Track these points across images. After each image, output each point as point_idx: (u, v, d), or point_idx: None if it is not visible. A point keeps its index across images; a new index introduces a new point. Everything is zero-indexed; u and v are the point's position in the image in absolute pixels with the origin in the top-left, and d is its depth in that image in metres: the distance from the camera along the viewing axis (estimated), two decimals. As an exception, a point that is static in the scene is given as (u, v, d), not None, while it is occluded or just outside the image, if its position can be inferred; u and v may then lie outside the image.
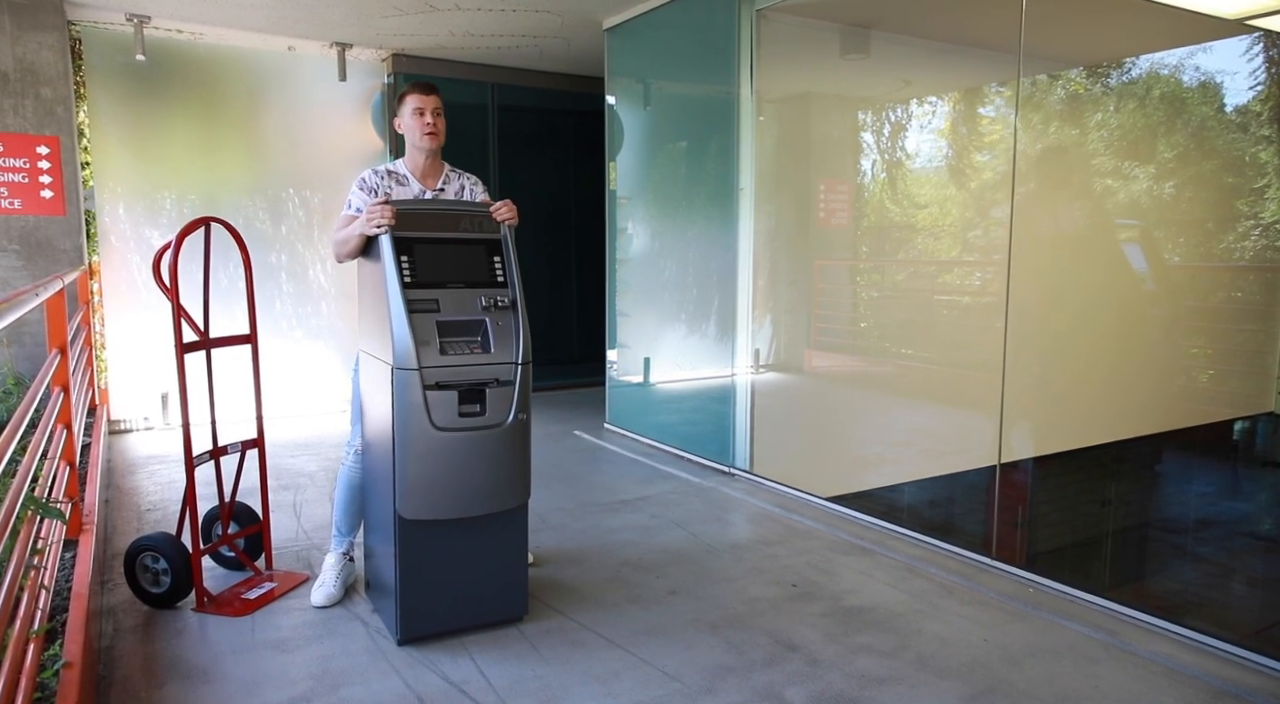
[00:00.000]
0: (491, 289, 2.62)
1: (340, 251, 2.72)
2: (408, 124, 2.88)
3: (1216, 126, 4.00)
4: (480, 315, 2.58)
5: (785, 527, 3.81)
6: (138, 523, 3.73)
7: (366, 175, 2.86)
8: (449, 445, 2.51)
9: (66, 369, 3.09)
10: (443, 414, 2.49)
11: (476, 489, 2.58)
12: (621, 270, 5.74)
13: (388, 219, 2.51)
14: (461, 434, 2.53)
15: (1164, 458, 4.52)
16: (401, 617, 2.59)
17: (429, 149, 2.88)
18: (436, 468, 2.51)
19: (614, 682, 2.43)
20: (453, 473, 2.53)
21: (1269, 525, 4.27)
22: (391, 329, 2.46)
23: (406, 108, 2.88)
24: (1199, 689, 2.42)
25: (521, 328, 2.62)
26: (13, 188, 4.95)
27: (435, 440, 2.49)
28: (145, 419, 5.63)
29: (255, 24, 5.50)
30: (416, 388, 2.45)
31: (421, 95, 2.87)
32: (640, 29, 5.29)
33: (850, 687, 2.41)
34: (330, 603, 2.90)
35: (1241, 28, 3.73)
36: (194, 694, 2.34)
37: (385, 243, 2.51)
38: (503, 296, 2.62)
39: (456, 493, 2.55)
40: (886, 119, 4.61)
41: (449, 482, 2.53)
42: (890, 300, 4.71)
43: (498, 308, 2.60)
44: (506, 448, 2.61)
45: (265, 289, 5.99)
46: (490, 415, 2.57)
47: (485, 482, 2.59)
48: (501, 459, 2.60)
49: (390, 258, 2.49)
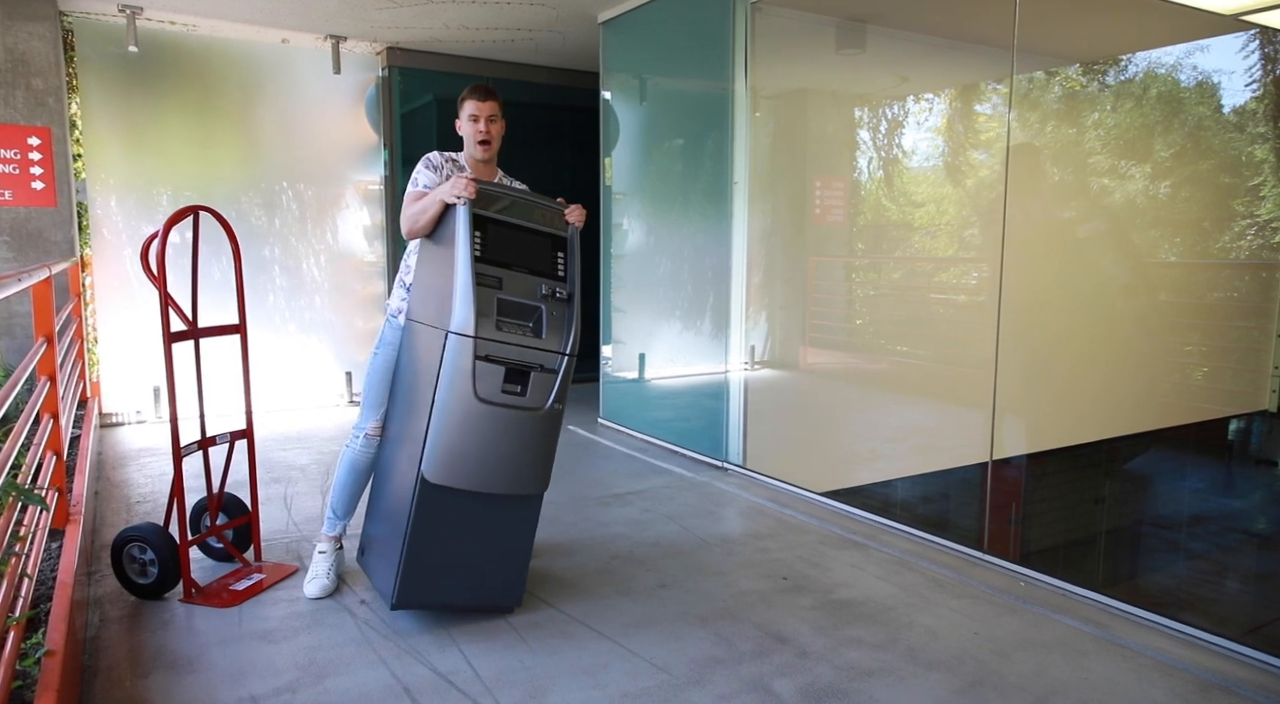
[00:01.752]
0: (552, 281, 2.69)
1: (415, 225, 2.72)
2: (465, 130, 2.91)
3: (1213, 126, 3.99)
4: (538, 302, 2.64)
5: (777, 521, 3.80)
6: (127, 515, 3.71)
7: (433, 156, 2.89)
8: (485, 418, 2.55)
9: (53, 358, 3.07)
10: (486, 386, 2.54)
11: (502, 467, 2.62)
12: (616, 266, 5.72)
13: (470, 192, 2.56)
14: (500, 410, 2.57)
15: (1157, 455, 4.51)
16: (401, 580, 2.59)
17: (481, 158, 2.91)
18: (469, 437, 2.55)
19: (602, 673, 2.42)
20: (483, 446, 2.57)
21: (1262, 523, 4.27)
22: (455, 294, 2.51)
23: (464, 112, 2.90)
24: (1188, 682, 2.41)
25: (575, 322, 2.69)
26: (3, 179, 4.92)
27: (474, 410, 2.53)
28: (137, 412, 5.61)
29: (249, 16, 5.47)
30: (468, 355, 2.50)
31: (478, 101, 2.88)
32: (635, 23, 5.28)
33: (839, 678, 2.40)
34: (325, 594, 2.88)
35: (1237, 24, 3.72)
36: (178, 684, 2.32)
37: (462, 215, 2.56)
38: (561, 289, 2.69)
39: (482, 466, 2.59)
40: (882, 116, 4.59)
41: (478, 453, 2.57)
42: (884, 297, 4.70)
43: (555, 299, 2.67)
44: (538, 433, 2.66)
45: (258, 283, 5.96)
46: (530, 398, 2.62)
47: (511, 461, 2.63)
48: (531, 443, 2.66)
49: (465, 229, 2.54)
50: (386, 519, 2.77)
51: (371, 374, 2.90)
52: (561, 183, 7.37)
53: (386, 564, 2.69)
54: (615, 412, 5.73)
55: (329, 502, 3.02)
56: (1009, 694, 2.33)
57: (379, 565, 2.77)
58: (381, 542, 2.78)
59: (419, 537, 2.59)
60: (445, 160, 2.90)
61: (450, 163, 2.91)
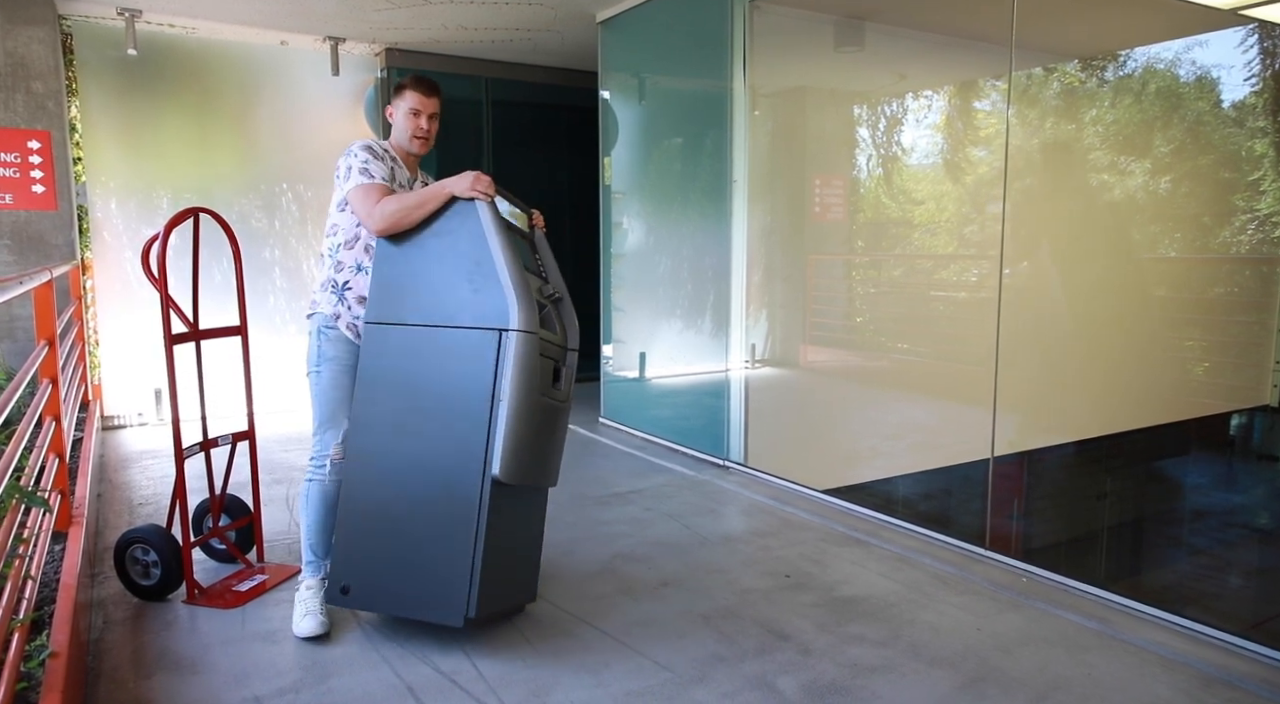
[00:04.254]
0: (540, 280, 2.73)
1: (406, 219, 2.51)
2: (400, 121, 2.73)
3: (1213, 121, 3.99)
4: (544, 300, 2.67)
5: (779, 518, 3.80)
6: (129, 517, 3.72)
7: (372, 144, 2.66)
8: (546, 413, 2.58)
9: (55, 361, 3.07)
10: (543, 384, 2.56)
11: (551, 460, 2.68)
12: (616, 265, 5.73)
13: (492, 190, 2.54)
14: (550, 403, 2.60)
15: (1158, 451, 4.51)
16: (480, 591, 2.41)
17: (415, 153, 2.77)
18: (534, 432, 2.52)
19: (605, 671, 2.42)
20: (544, 441, 2.60)
21: (1264, 518, 4.27)
22: (511, 293, 2.43)
23: (404, 103, 2.72)
24: (1191, 676, 2.41)
25: (574, 318, 2.80)
26: (3, 182, 4.93)
27: (538, 406, 2.52)
28: (139, 415, 5.61)
29: (247, 18, 5.48)
30: (535, 352, 2.46)
31: (422, 96, 2.72)
32: (633, 22, 5.28)
33: (842, 675, 2.40)
34: (324, 631, 2.59)
35: (1236, 18, 3.72)
36: (182, 685, 2.33)
37: (489, 212, 2.50)
38: (552, 290, 2.75)
39: (541, 459, 2.61)
40: (881, 113, 4.59)
41: (541, 449, 2.59)
42: (884, 295, 4.70)
43: (552, 299, 2.73)
44: (564, 428, 2.76)
45: (258, 284, 5.97)
46: (564, 390, 2.71)
47: (555, 454, 2.71)
48: (562, 435, 2.75)
49: (499, 227, 2.49)
50: (415, 539, 2.50)
51: (321, 393, 2.64)
52: (560, 183, 7.38)
53: (436, 584, 2.45)
54: (616, 410, 5.73)
55: (304, 543, 2.71)
56: (1012, 690, 2.34)
57: (415, 593, 2.49)
58: (405, 568, 2.51)
59: (491, 541, 2.45)
60: (384, 150, 2.70)
61: (387, 152, 2.72)
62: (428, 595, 2.47)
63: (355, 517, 2.58)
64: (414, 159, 2.82)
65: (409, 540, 2.51)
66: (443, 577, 2.45)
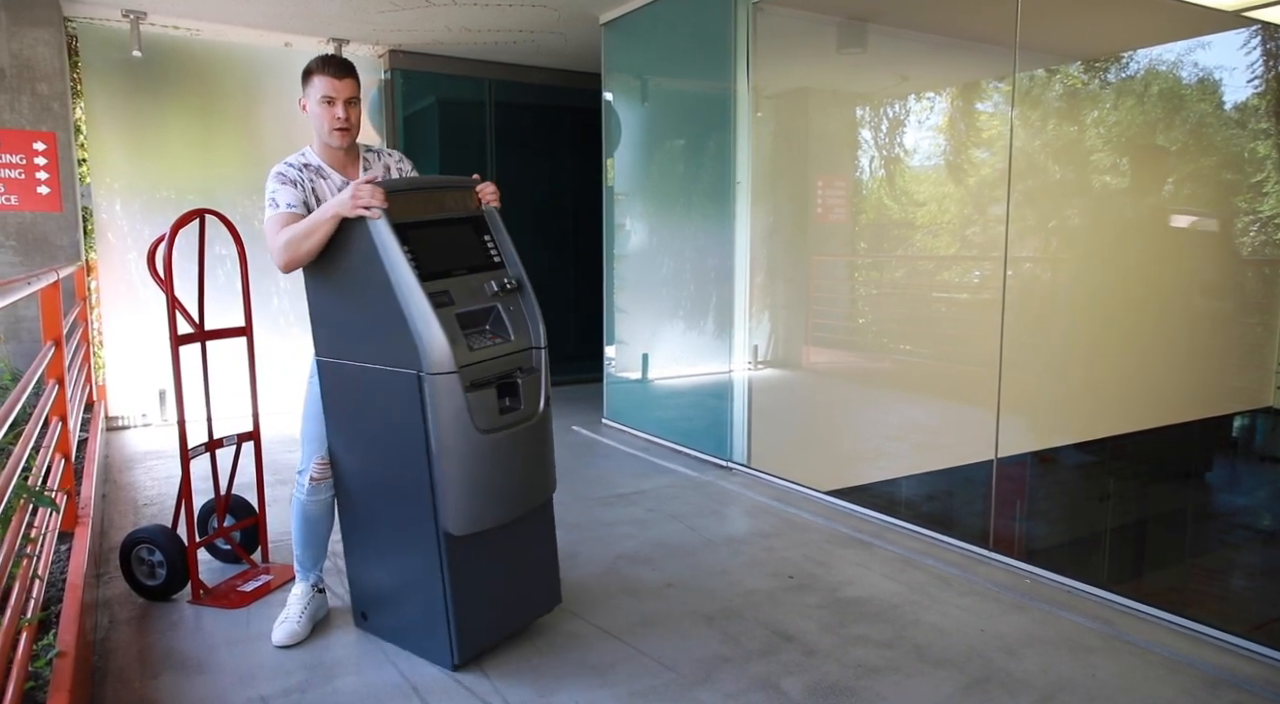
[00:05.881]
0: (495, 272, 2.41)
1: (297, 252, 2.26)
2: (313, 111, 2.42)
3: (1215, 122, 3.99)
4: (491, 302, 2.37)
5: (782, 520, 3.80)
6: (134, 517, 3.73)
7: (283, 168, 2.40)
8: (493, 447, 2.31)
9: (61, 362, 3.09)
10: (484, 415, 2.28)
11: (519, 488, 2.41)
12: (619, 266, 5.73)
13: (379, 201, 2.17)
14: (503, 433, 2.33)
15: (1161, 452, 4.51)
16: (458, 637, 2.35)
17: (338, 146, 2.44)
18: (485, 474, 2.30)
19: (610, 672, 2.43)
20: (499, 476, 2.34)
21: (1268, 520, 4.27)
22: (415, 331, 2.17)
23: (313, 91, 2.40)
24: (1195, 678, 2.42)
25: (535, 309, 2.45)
26: (9, 184, 4.95)
27: (480, 445, 2.27)
28: (143, 416, 5.63)
29: (251, 20, 5.49)
30: (458, 392, 2.20)
31: (332, 79, 2.38)
32: (637, 23, 5.29)
33: (846, 676, 2.41)
34: (293, 641, 2.54)
35: (1239, 19, 3.72)
36: (188, 685, 2.34)
37: (382, 231, 2.17)
38: (508, 279, 2.40)
39: (502, 496, 2.37)
40: (884, 115, 4.60)
41: (496, 486, 2.34)
42: (887, 296, 4.70)
43: (506, 291, 2.39)
44: (538, 439, 2.46)
45: (262, 286, 5.97)
46: (526, 407, 2.41)
47: (526, 479, 2.43)
48: (535, 451, 2.45)
49: (393, 247, 2.17)
50: (399, 578, 2.46)
51: (309, 406, 2.56)
52: (563, 184, 7.39)
53: (422, 627, 2.41)
54: (619, 411, 5.73)
55: (294, 555, 2.69)
56: (1016, 691, 2.34)
57: (410, 631, 2.48)
58: (399, 604, 2.49)
59: (462, 594, 2.33)
60: (299, 170, 2.41)
61: (305, 170, 2.42)
62: (419, 634, 2.45)
63: (354, 543, 2.55)
64: (347, 155, 2.49)
65: (396, 577, 2.48)
66: (425, 621, 2.40)
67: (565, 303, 7.39)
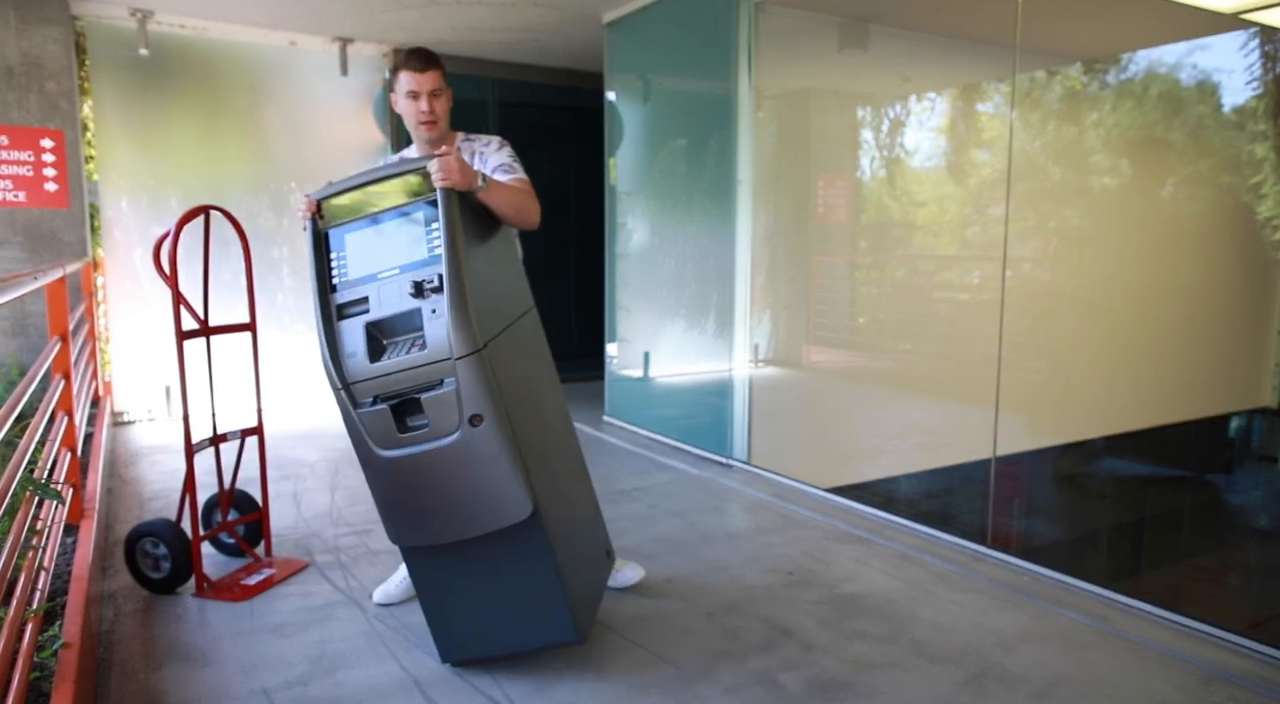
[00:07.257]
0: (421, 269, 2.12)
1: None
2: (402, 108, 2.47)
3: (1213, 124, 4.00)
4: (415, 304, 2.11)
5: (782, 516, 3.82)
6: (140, 511, 3.76)
7: None
8: (402, 467, 2.16)
9: (68, 356, 3.12)
10: (380, 433, 2.14)
11: (458, 508, 2.19)
12: (621, 265, 5.76)
13: (307, 210, 2.19)
14: (410, 451, 2.14)
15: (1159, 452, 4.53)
16: (436, 636, 2.42)
17: (428, 138, 2.50)
18: (394, 492, 2.21)
19: (609, 666, 2.45)
20: (422, 494, 2.19)
21: (1264, 519, 4.28)
22: (321, 346, 2.17)
23: (400, 87, 2.44)
24: (1190, 673, 2.43)
25: (455, 312, 2.04)
26: (17, 180, 4.98)
27: (385, 464, 2.16)
28: (149, 411, 5.66)
29: (257, 19, 5.53)
30: (349, 408, 2.16)
31: (415, 73, 2.41)
32: (639, 23, 5.31)
33: (844, 671, 2.43)
34: (385, 601, 2.79)
35: (1238, 22, 3.74)
36: (192, 676, 2.36)
37: (309, 243, 2.21)
38: (431, 276, 2.09)
39: (426, 516, 2.21)
40: (885, 115, 4.62)
41: (417, 506, 2.21)
42: (887, 296, 4.72)
43: (430, 290, 2.09)
44: (476, 460, 2.11)
45: (267, 283, 6.01)
46: (436, 426, 2.11)
47: (465, 500, 2.17)
48: (474, 473, 2.13)
49: (313, 259, 2.17)
50: None
51: None
52: (566, 183, 7.42)
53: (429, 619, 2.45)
54: (620, 409, 5.76)
55: None
56: (1012, 686, 2.36)
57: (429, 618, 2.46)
58: None
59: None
60: None
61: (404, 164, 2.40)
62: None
63: None
64: (443, 145, 2.44)
65: None
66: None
67: (566, 301, 7.42)
